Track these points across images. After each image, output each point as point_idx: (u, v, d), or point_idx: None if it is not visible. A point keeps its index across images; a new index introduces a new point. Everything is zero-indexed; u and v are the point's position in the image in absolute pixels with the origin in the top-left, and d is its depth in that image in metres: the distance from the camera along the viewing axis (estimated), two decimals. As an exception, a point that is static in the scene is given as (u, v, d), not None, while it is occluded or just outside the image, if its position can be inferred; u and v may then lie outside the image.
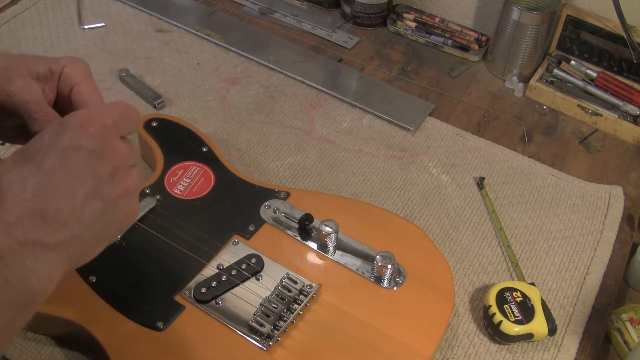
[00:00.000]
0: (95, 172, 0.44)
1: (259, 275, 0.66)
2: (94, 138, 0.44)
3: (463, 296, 0.72)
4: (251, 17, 1.09)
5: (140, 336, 0.61)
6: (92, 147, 0.44)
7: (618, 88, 0.93)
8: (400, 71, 1.00)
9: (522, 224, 0.80)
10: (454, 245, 0.77)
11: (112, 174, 0.45)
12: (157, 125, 0.80)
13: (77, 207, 0.44)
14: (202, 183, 0.74)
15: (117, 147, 0.46)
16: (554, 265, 0.76)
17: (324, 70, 0.99)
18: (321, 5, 1.11)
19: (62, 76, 0.51)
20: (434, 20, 1.08)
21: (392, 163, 0.86)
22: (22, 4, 1.06)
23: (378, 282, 0.66)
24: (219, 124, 0.89)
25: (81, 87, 0.51)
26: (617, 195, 0.83)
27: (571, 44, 0.98)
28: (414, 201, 0.81)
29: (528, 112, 0.95)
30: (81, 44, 1.00)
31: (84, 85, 0.51)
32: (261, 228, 0.70)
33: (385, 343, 0.62)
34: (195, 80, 0.96)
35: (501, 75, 1.00)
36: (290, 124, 0.90)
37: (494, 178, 0.85)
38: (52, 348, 0.64)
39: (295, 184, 0.82)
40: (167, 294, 0.64)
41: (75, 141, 0.44)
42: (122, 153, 0.46)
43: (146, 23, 1.05)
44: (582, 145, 0.91)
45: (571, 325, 0.70)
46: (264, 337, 0.61)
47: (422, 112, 0.93)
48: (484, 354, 0.67)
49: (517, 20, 0.93)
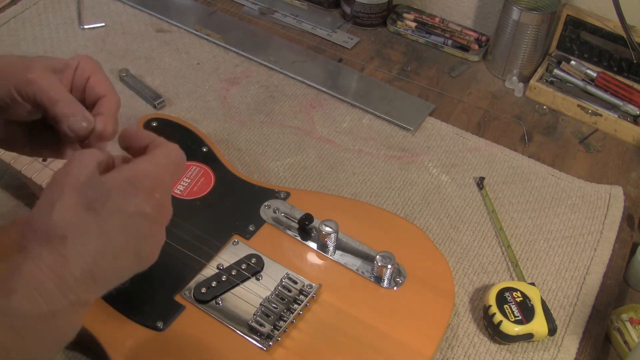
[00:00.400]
0: (145, 234, 0.46)
1: (259, 275, 0.66)
2: (157, 205, 0.46)
3: (463, 296, 0.72)
4: (251, 17, 1.09)
5: (140, 336, 0.61)
6: (153, 213, 0.46)
7: (618, 88, 0.93)
8: (400, 71, 1.00)
9: (522, 224, 0.80)
10: (454, 245, 0.77)
11: (155, 235, 0.47)
12: (157, 125, 0.80)
13: (123, 269, 0.46)
14: (202, 183, 0.74)
15: (169, 211, 0.48)
16: (554, 265, 0.76)
17: (324, 70, 0.99)
18: (321, 5, 1.11)
19: (78, 68, 0.52)
20: (434, 20, 1.08)
21: (392, 163, 0.86)
22: (22, 4, 1.06)
23: (378, 282, 0.66)
24: (219, 124, 0.89)
25: (96, 77, 0.52)
26: (617, 195, 0.83)
27: (571, 44, 0.98)
28: (414, 201, 0.81)
29: (528, 112, 0.95)
30: (81, 44, 1.00)
31: (99, 76, 0.52)
32: (261, 228, 0.70)
33: (385, 343, 0.62)
34: (195, 80, 0.96)
35: (501, 75, 1.00)
36: (290, 124, 0.90)
37: (494, 178, 0.85)
38: (52, 348, 0.64)
39: (295, 184, 0.82)
40: (167, 294, 0.64)
41: (141, 207, 0.45)
42: (169, 215, 0.48)
43: (146, 23, 1.05)
44: (582, 145, 0.91)
45: (571, 325, 0.70)
46: (264, 337, 0.61)
47: (422, 112, 0.93)
48: (484, 354, 0.67)
49: (517, 20, 0.93)
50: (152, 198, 0.45)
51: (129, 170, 0.46)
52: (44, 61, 0.51)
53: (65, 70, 0.52)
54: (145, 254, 0.47)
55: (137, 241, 0.46)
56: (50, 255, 0.42)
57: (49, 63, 0.51)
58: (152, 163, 0.47)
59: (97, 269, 0.43)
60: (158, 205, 0.46)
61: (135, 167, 0.46)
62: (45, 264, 0.42)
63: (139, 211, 0.45)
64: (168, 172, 0.47)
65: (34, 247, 0.43)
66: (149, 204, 0.45)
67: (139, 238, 0.46)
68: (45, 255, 0.42)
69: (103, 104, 0.52)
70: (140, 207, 0.45)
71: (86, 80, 0.52)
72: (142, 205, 0.45)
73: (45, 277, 0.42)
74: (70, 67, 0.52)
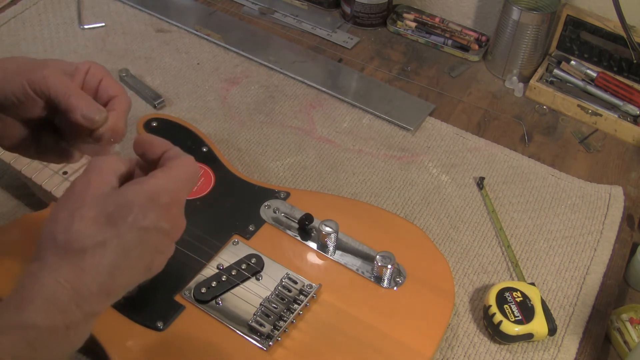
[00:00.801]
0: (159, 249, 0.47)
1: (259, 275, 0.66)
2: (172, 219, 0.47)
3: (463, 296, 0.72)
4: (251, 17, 1.09)
5: (140, 336, 0.61)
6: (168, 227, 0.46)
7: (618, 88, 0.93)
8: (400, 71, 1.00)
9: (522, 224, 0.80)
10: (454, 245, 0.77)
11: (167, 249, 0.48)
12: (157, 125, 0.80)
13: (132, 281, 0.47)
14: (202, 183, 0.74)
15: (182, 225, 0.48)
16: (554, 265, 0.76)
17: (324, 70, 0.99)
18: (321, 5, 1.11)
19: (89, 73, 0.53)
20: (434, 20, 1.08)
21: (392, 163, 0.86)
22: (22, 4, 1.06)
23: (378, 282, 0.66)
24: (219, 124, 0.89)
25: (108, 80, 0.54)
26: (617, 195, 0.83)
27: (571, 44, 0.98)
28: (414, 201, 0.81)
29: (528, 112, 0.95)
30: (81, 44, 1.00)
31: (111, 80, 0.54)
32: (261, 228, 0.70)
33: (385, 343, 0.62)
34: (195, 80, 0.96)
35: (501, 75, 1.00)
36: (290, 124, 0.90)
37: (494, 178, 0.85)
38: (52, 348, 0.64)
39: (295, 184, 0.82)
40: (167, 294, 0.64)
41: (158, 223, 0.45)
42: (182, 229, 0.49)
43: (146, 23, 1.05)
44: (582, 145, 0.91)
45: (571, 325, 0.70)
46: (264, 337, 0.61)
47: (422, 112, 0.93)
48: (484, 354, 0.67)
49: (517, 20, 0.93)
50: (170, 214, 0.46)
51: (148, 185, 0.46)
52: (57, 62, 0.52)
53: (77, 74, 0.53)
54: (156, 265, 0.48)
55: (151, 255, 0.46)
56: (68, 267, 0.42)
57: (61, 65, 0.52)
58: (171, 178, 0.47)
59: (112, 282, 0.44)
60: (174, 220, 0.47)
61: (155, 182, 0.46)
62: (63, 276, 0.42)
63: (156, 227, 0.45)
64: (184, 187, 0.48)
65: (52, 258, 0.43)
66: (166, 220, 0.46)
67: (152, 252, 0.46)
68: (63, 268, 0.42)
69: (115, 103, 0.53)
70: (158, 223, 0.45)
71: (98, 83, 0.53)
72: (160, 221, 0.45)
73: (62, 290, 0.42)
74: (81, 71, 0.53)
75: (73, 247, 0.43)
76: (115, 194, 0.45)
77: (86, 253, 0.43)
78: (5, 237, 0.66)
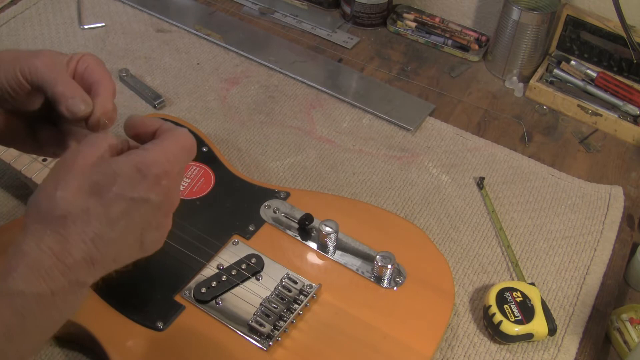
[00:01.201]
0: (149, 222, 0.46)
1: (259, 275, 0.66)
2: (163, 193, 0.45)
3: (463, 296, 0.72)
4: (251, 17, 1.09)
5: (140, 336, 0.61)
6: (158, 200, 0.45)
7: (618, 88, 0.93)
8: (400, 71, 1.00)
9: (522, 224, 0.80)
10: (454, 245, 0.77)
11: (160, 224, 0.47)
12: (157, 125, 0.80)
13: (124, 254, 0.46)
14: (202, 183, 0.74)
15: (176, 199, 0.47)
16: (554, 265, 0.76)
17: (324, 70, 0.99)
18: (321, 5, 1.11)
19: (81, 60, 0.53)
20: (434, 20, 1.08)
21: (392, 163, 0.86)
22: (22, 4, 1.06)
23: (378, 282, 0.66)
24: (219, 124, 0.89)
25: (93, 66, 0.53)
26: (617, 195, 0.83)
27: (571, 44, 0.98)
28: (414, 201, 0.81)
29: (528, 112, 0.95)
30: (81, 44, 1.00)
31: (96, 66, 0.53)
32: (261, 228, 0.70)
33: (385, 343, 0.62)
34: (195, 80, 0.96)
35: (501, 75, 1.00)
36: (290, 124, 0.90)
37: (494, 178, 0.85)
38: (52, 348, 0.64)
39: (295, 184, 0.82)
40: (167, 294, 0.64)
41: (146, 194, 0.44)
42: (176, 203, 0.48)
43: (146, 23, 1.05)
44: (582, 145, 0.91)
45: (571, 325, 0.70)
46: (264, 337, 0.61)
47: (422, 112, 0.93)
48: (484, 354, 0.67)
49: (517, 20, 0.93)
50: (159, 186, 0.45)
51: (137, 156, 0.45)
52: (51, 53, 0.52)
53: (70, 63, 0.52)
54: (149, 242, 0.47)
55: (141, 229, 0.45)
56: (51, 235, 0.42)
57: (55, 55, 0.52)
58: (161, 149, 0.46)
59: (97, 252, 0.43)
60: (165, 193, 0.46)
61: (144, 153, 0.45)
62: (45, 243, 0.42)
63: (144, 198, 0.44)
64: (177, 159, 0.47)
65: (35, 226, 0.43)
66: (155, 192, 0.45)
67: (143, 226, 0.45)
68: (46, 236, 0.42)
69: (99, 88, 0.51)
70: (146, 194, 0.44)
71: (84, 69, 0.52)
72: (148, 193, 0.44)
73: (45, 257, 0.42)
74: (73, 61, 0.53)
75: (55, 214, 0.42)
76: (102, 164, 0.44)
77: (68, 220, 0.42)
78: (6, 237, 0.66)
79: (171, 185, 0.46)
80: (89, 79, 0.52)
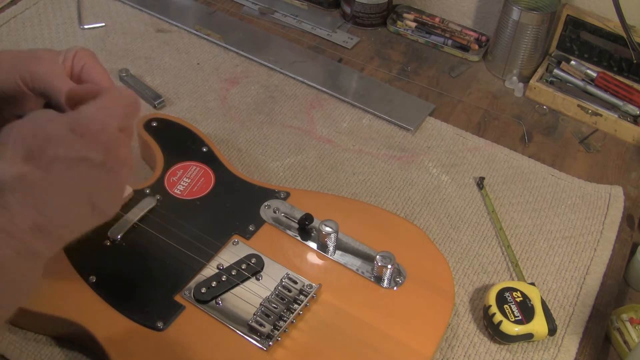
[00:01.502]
0: (95, 182, 0.44)
1: (259, 275, 0.66)
2: (105, 150, 0.44)
3: (463, 296, 0.72)
4: (251, 17, 1.09)
5: (140, 336, 0.61)
6: (102, 159, 0.43)
7: (618, 88, 0.93)
8: (400, 71, 1.00)
9: (522, 224, 0.80)
10: (454, 245, 0.77)
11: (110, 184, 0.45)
12: (157, 125, 0.80)
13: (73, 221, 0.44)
14: (202, 183, 0.74)
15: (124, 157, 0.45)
16: (554, 265, 0.76)
17: (324, 70, 0.99)
18: (321, 5, 1.11)
19: (75, 57, 0.52)
20: (434, 20, 1.08)
21: (392, 163, 0.86)
22: (22, 4, 1.06)
23: (378, 282, 0.66)
24: (219, 124, 0.89)
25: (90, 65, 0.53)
26: (617, 195, 0.83)
27: (571, 44, 0.98)
28: (414, 201, 0.81)
29: (528, 112, 0.95)
30: (81, 44, 1.00)
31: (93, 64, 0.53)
32: (261, 228, 0.70)
33: (385, 343, 0.62)
34: (195, 80, 0.96)
35: (501, 75, 1.00)
36: (290, 124, 0.90)
37: (494, 178, 0.85)
38: (52, 348, 0.64)
39: (295, 184, 0.82)
40: (167, 294, 0.64)
41: (84, 154, 0.43)
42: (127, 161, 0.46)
43: (146, 23, 1.05)
44: (582, 145, 0.91)
45: (571, 325, 0.70)
46: (264, 337, 0.61)
47: (422, 112, 0.93)
48: (484, 354, 0.67)
49: (517, 20, 0.93)
50: (98, 143, 0.43)
51: (70, 116, 0.44)
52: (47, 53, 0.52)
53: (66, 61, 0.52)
54: (102, 205, 0.45)
55: (89, 190, 0.44)
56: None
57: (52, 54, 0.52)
58: (97, 107, 0.45)
59: (44, 219, 0.42)
60: (106, 150, 0.44)
61: (77, 113, 0.44)
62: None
63: (83, 158, 0.43)
64: (116, 115, 0.45)
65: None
66: (95, 150, 0.43)
67: (89, 187, 0.44)
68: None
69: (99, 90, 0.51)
70: (84, 153, 0.43)
71: (82, 67, 0.52)
72: (86, 152, 0.43)
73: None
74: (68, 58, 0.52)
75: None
76: (36, 130, 0.43)
77: (5, 190, 0.41)
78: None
79: (112, 141, 0.44)
80: (87, 79, 0.52)
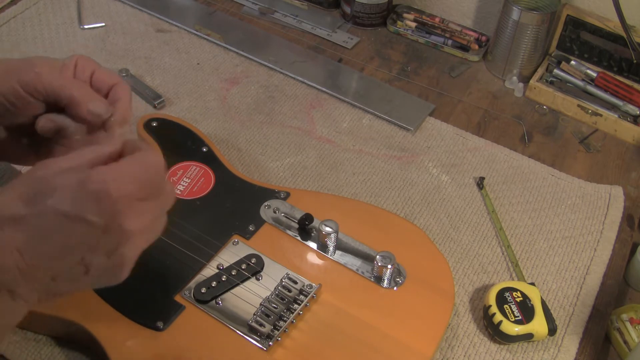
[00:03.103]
0: (92, 246, 0.42)
1: (259, 275, 0.66)
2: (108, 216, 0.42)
3: (463, 296, 0.72)
4: (251, 17, 1.09)
5: (140, 336, 0.61)
6: (100, 222, 0.41)
7: (618, 88, 0.93)
8: (400, 71, 1.00)
9: (522, 224, 0.80)
10: (454, 245, 0.77)
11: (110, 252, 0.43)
12: (157, 125, 0.80)
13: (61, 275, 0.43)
14: (202, 183, 0.74)
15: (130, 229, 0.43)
16: (554, 265, 0.76)
17: (324, 70, 0.99)
18: (321, 5, 1.11)
19: (78, 66, 0.52)
20: (434, 20, 1.08)
21: (392, 163, 0.86)
22: (22, 4, 1.06)
23: (378, 282, 0.66)
24: (219, 124, 0.89)
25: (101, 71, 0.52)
26: (617, 195, 0.83)
27: (571, 44, 0.98)
28: (414, 201, 0.81)
29: (528, 112, 0.95)
30: (81, 44, 1.00)
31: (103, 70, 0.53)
32: (261, 228, 0.70)
33: (385, 343, 0.62)
34: (195, 80, 0.96)
35: (501, 75, 1.00)
36: (290, 124, 0.90)
37: (494, 178, 0.85)
38: (52, 348, 0.64)
39: (295, 184, 0.82)
40: (167, 294, 0.64)
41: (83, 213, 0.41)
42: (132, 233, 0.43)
43: (146, 23, 1.05)
44: (582, 145, 0.91)
45: (571, 325, 0.70)
46: (264, 337, 0.61)
47: (422, 112, 0.93)
48: (484, 354, 0.67)
49: (517, 20, 0.93)
50: (102, 207, 0.41)
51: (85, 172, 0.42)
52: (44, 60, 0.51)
53: (65, 69, 0.52)
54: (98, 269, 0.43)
55: (82, 251, 0.42)
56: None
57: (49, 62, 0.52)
58: (116, 169, 0.43)
59: (24, 263, 0.41)
60: (110, 216, 0.42)
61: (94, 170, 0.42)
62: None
63: (80, 217, 0.41)
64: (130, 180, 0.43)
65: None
66: (95, 213, 0.41)
67: (84, 248, 0.42)
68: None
69: (118, 91, 0.52)
70: (83, 213, 0.41)
71: (90, 76, 0.52)
72: (85, 212, 0.41)
73: None
74: (69, 66, 0.52)
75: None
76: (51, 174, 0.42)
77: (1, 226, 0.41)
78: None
79: (120, 209, 0.42)
80: (104, 85, 0.52)
